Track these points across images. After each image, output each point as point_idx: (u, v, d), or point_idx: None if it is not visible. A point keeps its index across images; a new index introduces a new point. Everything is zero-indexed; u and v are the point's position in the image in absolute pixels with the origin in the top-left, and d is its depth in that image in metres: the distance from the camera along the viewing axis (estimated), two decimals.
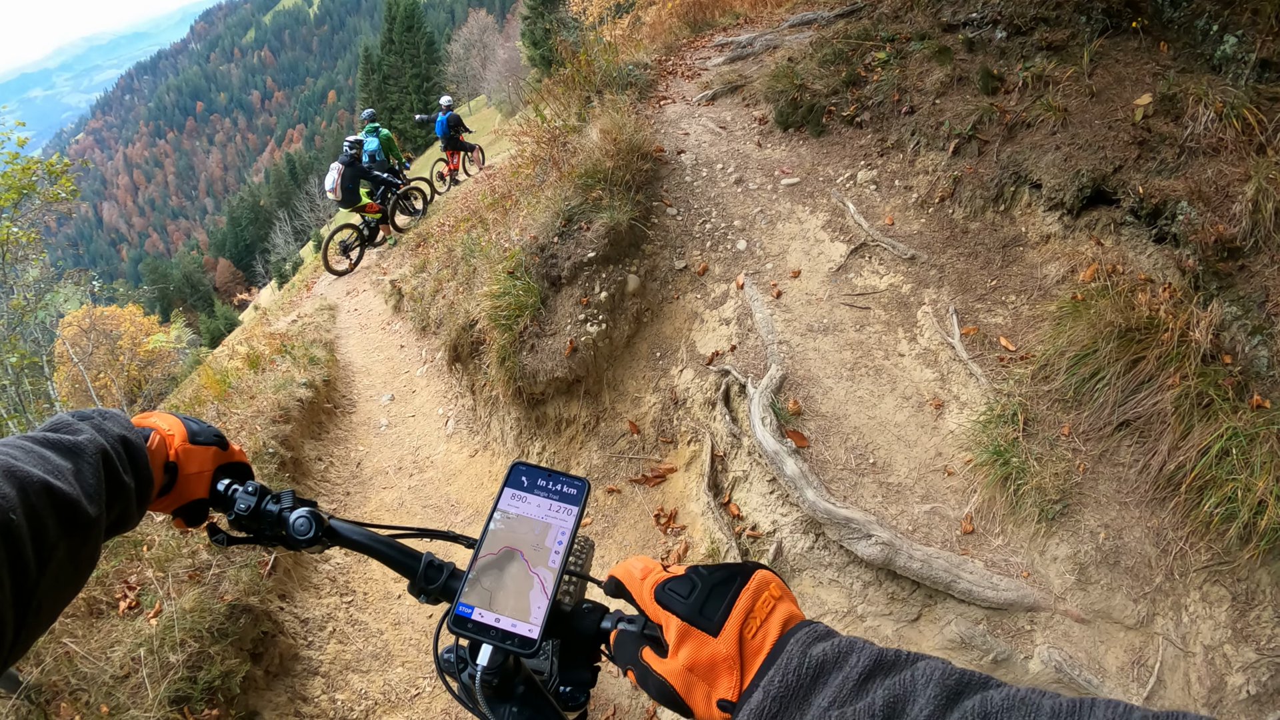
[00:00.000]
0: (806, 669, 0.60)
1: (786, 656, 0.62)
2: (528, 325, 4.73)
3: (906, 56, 5.52)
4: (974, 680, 0.53)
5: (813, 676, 0.60)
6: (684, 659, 0.67)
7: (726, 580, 0.70)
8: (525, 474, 0.94)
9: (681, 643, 0.68)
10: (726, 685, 0.64)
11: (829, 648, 0.61)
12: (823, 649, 0.61)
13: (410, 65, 53.70)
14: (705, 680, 0.66)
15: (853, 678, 0.58)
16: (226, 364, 8.08)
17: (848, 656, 0.60)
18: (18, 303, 10.65)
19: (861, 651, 0.60)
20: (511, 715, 0.94)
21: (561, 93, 6.63)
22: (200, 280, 76.11)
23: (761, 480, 3.82)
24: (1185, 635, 2.99)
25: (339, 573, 4.36)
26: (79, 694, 2.80)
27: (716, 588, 0.69)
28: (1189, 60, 4.39)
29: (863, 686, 0.57)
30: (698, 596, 0.69)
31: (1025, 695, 0.50)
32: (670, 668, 0.68)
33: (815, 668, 0.60)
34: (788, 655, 0.62)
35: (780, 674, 0.61)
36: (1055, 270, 4.17)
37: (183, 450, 1.03)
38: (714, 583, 0.69)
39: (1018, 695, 0.50)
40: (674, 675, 0.68)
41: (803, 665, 0.60)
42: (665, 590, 0.71)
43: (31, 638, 0.70)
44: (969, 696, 0.52)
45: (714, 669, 0.65)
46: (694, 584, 0.70)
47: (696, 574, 0.71)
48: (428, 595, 1.05)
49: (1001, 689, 0.52)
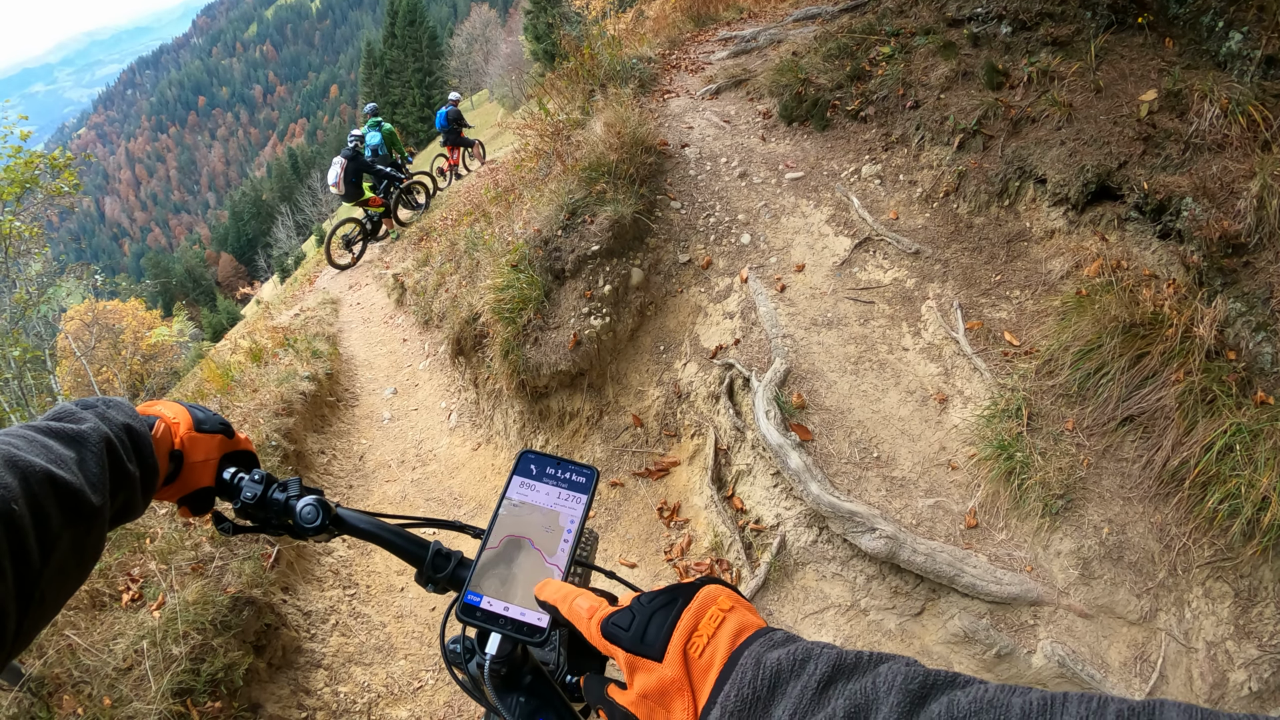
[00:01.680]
0: (762, 680, 0.58)
1: (740, 669, 0.60)
2: (531, 318, 4.72)
3: (911, 51, 5.50)
4: (939, 681, 0.51)
5: (770, 687, 0.57)
6: (637, 689, 0.66)
7: (668, 604, 0.68)
8: (534, 462, 0.93)
9: (632, 674, 0.67)
10: (681, 708, 0.63)
11: (784, 656, 0.59)
12: (778, 657, 0.59)
13: (413, 60, 53.58)
14: (660, 706, 0.64)
15: (811, 686, 0.55)
16: (229, 358, 8.09)
17: (805, 664, 0.57)
18: (20, 297, 10.63)
19: (819, 658, 0.57)
20: (519, 705, 0.93)
21: (565, 86, 6.62)
22: (202, 275, 76.12)
23: (765, 474, 3.82)
24: (1188, 631, 2.99)
25: (342, 565, 4.36)
26: (81, 686, 2.81)
27: (657, 613, 0.67)
28: (1194, 56, 4.37)
29: (822, 695, 0.55)
30: (638, 625, 0.67)
31: (993, 696, 0.48)
32: (628, 699, 0.67)
33: (771, 677, 0.57)
34: (741, 668, 0.60)
35: (736, 688, 0.58)
36: (1060, 265, 4.16)
37: (188, 438, 1.02)
38: (654, 608, 0.68)
39: (985, 696, 0.48)
40: (633, 706, 0.67)
41: (758, 676, 0.58)
42: (609, 625, 0.70)
43: (35, 629, 0.69)
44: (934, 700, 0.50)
45: (665, 694, 0.63)
46: (634, 614, 0.68)
47: (638, 603, 0.70)
48: (435, 584, 1.04)
49: (969, 689, 0.49)
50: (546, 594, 0.78)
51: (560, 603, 0.76)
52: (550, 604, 0.77)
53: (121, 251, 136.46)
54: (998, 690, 0.48)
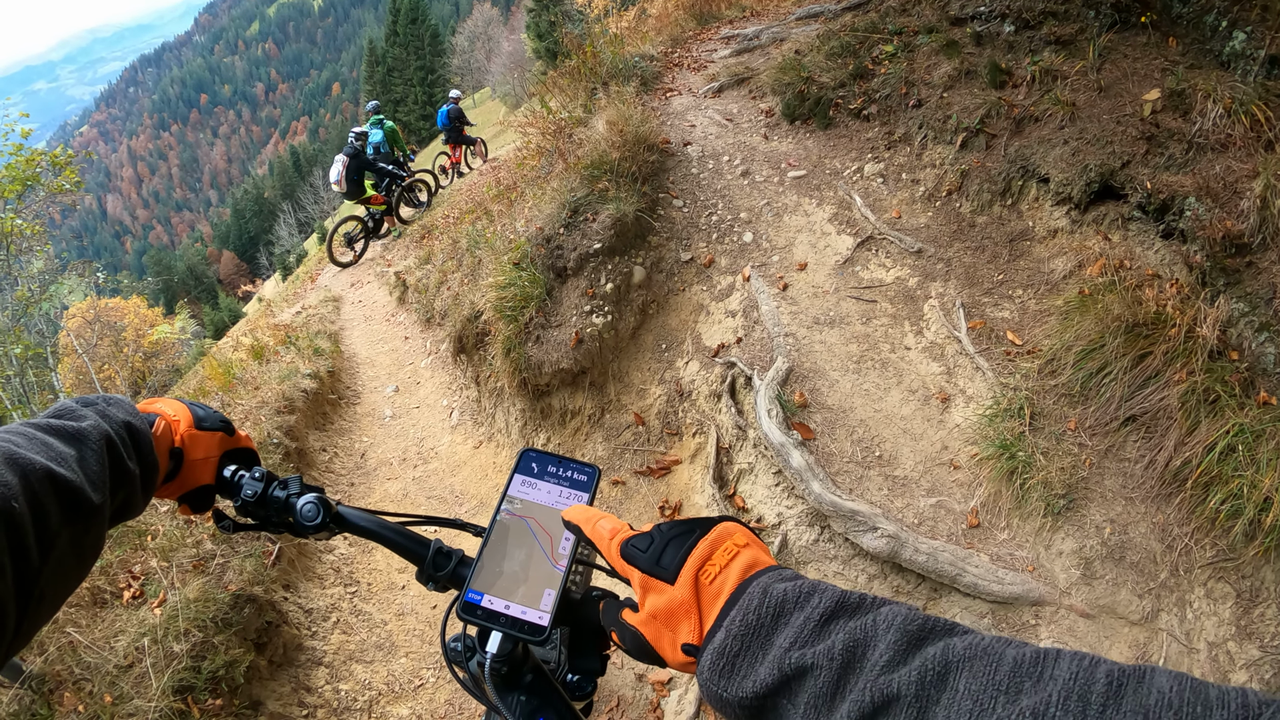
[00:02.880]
0: (767, 608, 0.60)
1: (748, 597, 0.62)
2: (533, 317, 4.72)
3: (914, 50, 5.49)
4: (937, 626, 0.53)
5: (774, 615, 0.60)
6: (648, 609, 0.68)
7: (686, 532, 0.70)
8: (535, 460, 0.93)
9: (645, 594, 0.69)
10: (687, 629, 0.65)
11: (790, 588, 0.61)
12: (784, 589, 0.61)
13: (415, 58, 53.54)
14: (668, 627, 0.67)
15: (814, 618, 0.58)
16: (231, 355, 8.09)
17: (810, 597, 0.60)
18: (22, 294, 10.64)
19: (824, 593, 0.60)
20: (519, 704, 0.93)
21: (567, 84, 6.61)
22: (204, 272, 76.17)
23: (767, 473, 3.81)
24: (1189, 632, 2.98)
25: (343, 563, 4.37)
26: (82, 683, 2.81)
27: (674, 539, 0.70)
28: (1198, 56, 4.35)
29: (824, 628, 0.57)
30: (655, 548, 0.70)
31: (989, 644, 0.49)
32: (638, 619, 0.70)
33: (776, 606, 0.60)
34: (749, 596, 0.62)
35: (741, 613, 0.61)
36: (1062, 265, 4.15)
37: (188, 436, 1.02)
38: (672, 535, 0.70)
39: (981, 644, 0.49)
40: (642, 625, 0.69)
41: (764, 604, 0.60)
42: (628, 546, 0.72)
43: (34, 627, 0.69)
44: (931, 643, 0.51)
45: (673, 615, 0.66)
46: (653, 538, 0.71)
47: (658, 530, 0.72)
48: (436, 582, 1.04)
49: (965, 636, 0.51)
50: (572, 514, 0.81)
51: (585, 523, 0.79)
52: (574, 524, 0.80)
53: (123, 249, 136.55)
54: (993, 640, 0.50)
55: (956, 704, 0.47)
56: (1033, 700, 0.44)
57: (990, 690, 0.46)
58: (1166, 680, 0.42)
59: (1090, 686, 0.43)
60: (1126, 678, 0.43)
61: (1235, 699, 0.40)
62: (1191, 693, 0.41)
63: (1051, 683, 0.45)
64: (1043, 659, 0.47)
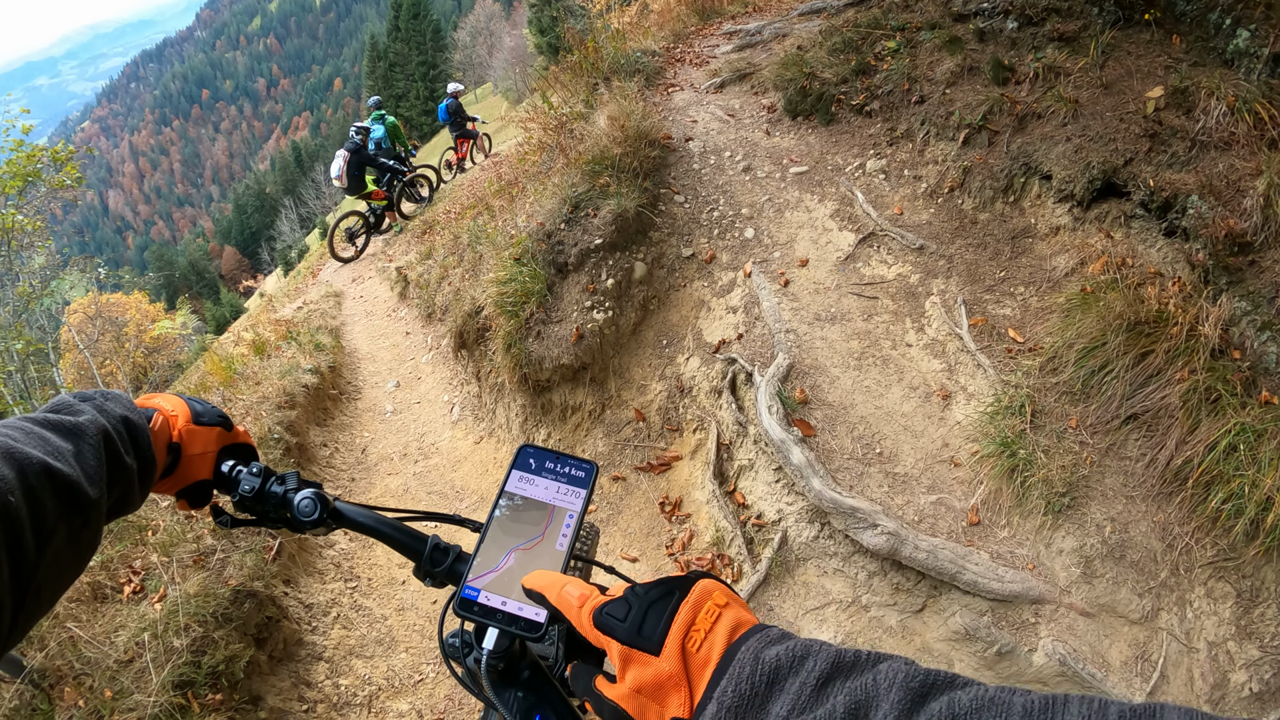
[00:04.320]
0: (760, 676, 0.57)
1: (738, 664, 0.59)
2: (534, 312, 4.72)
3: (917, 46, 5.48)
4: (939, 681, 0.51)
5: (768, 683, 0.57)
6: (630, 682, 0.64)
7: (665, 596, 0.67)
8: (533, 456, 0.92)
9: (626, 667, 0.65)
10: (676, 703, 0.61)
11: (783, 651, 0.58)
12: (776, 653, 0.58)
13: (417, 53, 53.48)
14: (655, 701, 0.63)
15: (810, 683, 0.55)
16: (232, 350, 8.09)
17: (804, 660, 0.57)
18: (23, 290, 10.66)
19: (819, 654, 0.57)
20: (516, 700, 0.93)
21: (569, 80, 6.60)
22: (206, 267, 76.18)
23: (767, 469, 3.81)
24: (1189, 631, 2.98)
25: (343, 558, 4.37)
26: (83, 678, 2.81)
27: (654, 605, 0.66)
28: (1201, 54, 4.34)
29: (822, 691, 0.54)
30: (634, 616, 0.66)
31: (994, 695, 0.47)
32: (619, 693, 0.65)
33: (770, 673, 0.57)
34: (739, 663, 0.59)
35: (733, 684, 0.57)
36: (1064, 262, 4.14)
37: (186, 431, 1.02)
38: (650, 600, 0.67)
39: (986, 695, 0.47)
40: (624, 700, 0.65)
41: (756, 672, 0.57)
42: (603, 615, 0.68)
43: (30, 621, 0.69)
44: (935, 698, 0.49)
45: (661, 688, 0.62)
46: (630, 605, 0.67)
47: (633, 594, 0.68)
48: (433, 578, 1.04)
49: (969, 689, 0.49)
50: (534, 582, 0.77)
51: (548, 590, 0.75)
52: (538, 592, 0.76)
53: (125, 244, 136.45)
54: (998, 690, 0.48)
55: None
56: None
57: None
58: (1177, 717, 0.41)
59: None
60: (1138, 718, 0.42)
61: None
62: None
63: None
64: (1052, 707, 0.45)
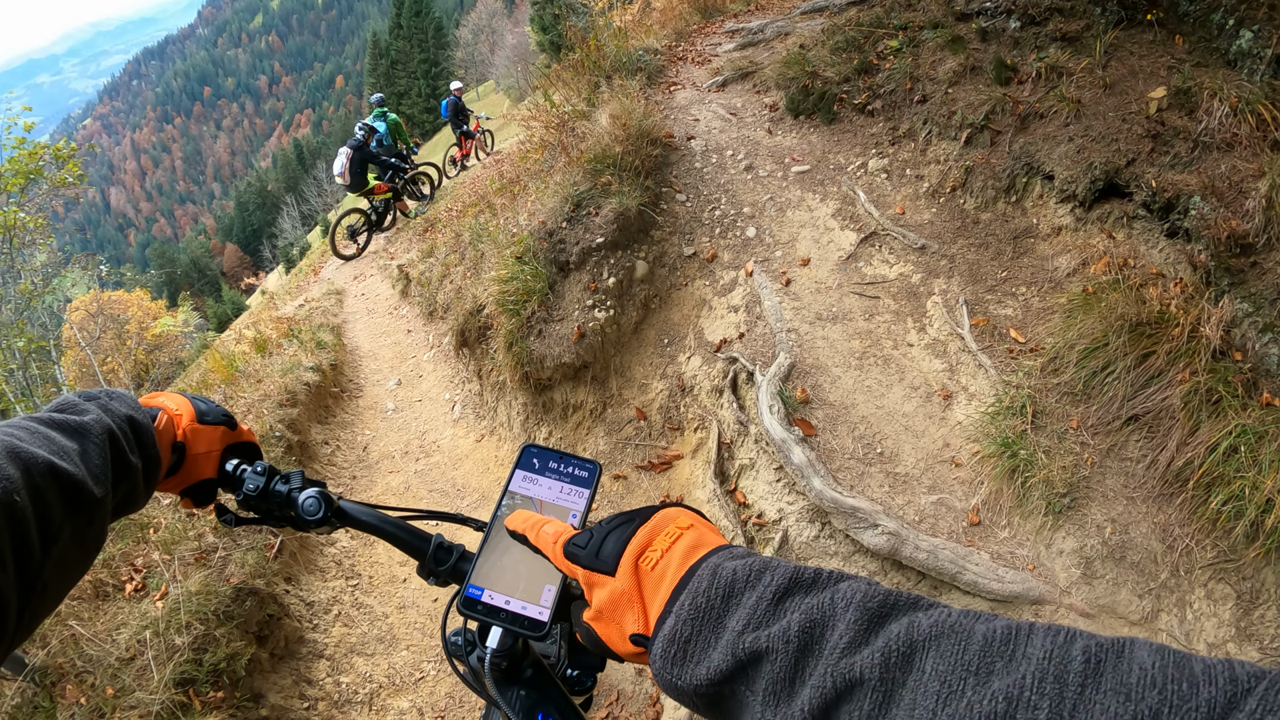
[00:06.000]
0: (717, 589, 0.57)
1: (697, 579, 0.59)
2: (535, 311, 4.72)
3: (919, 45, 5.47)
4: (900, 601, 0.50)
5: (724, 596, 0.56)
6: (594, 604, 0.66)
7: (625, 523, 0.68)
8: (537, 456, 0.93)
9: (590, 591, 0.67)
10: (633, 620, 0.62)
11: (740, 566, 0.58)
12: (734, 567, 0.58)
13: (418, 50, 53.52)
14: (613, 619, 0.64)
15: (766, 597, 0.54)
16: (233, 348, 8.11)
17: (761, 575, 0.56)
18: (25, 287, 10.67)
19: (776, 570, 0.56)
20: (519, 698, 0.93)
21: (571, 78, 6.60)
22: (207, 265, 76.25)
23: (768, 468, 3.81)
24: (1189, 633, 2.98)
25: (345, 556, 4.38)
26: (84, 676, 2.82)
27: (614, 531, 0.68)
28: (1204, 54, 4.33)
29: (778, 607, 0.53)
30: (594, 543, 0.68)
31: (955, 620, 0.46)
32: (589, 615, 0.67)
33: (726, 586, 0.57)
34: (698, 578, 0.59)
35: (690, 596, 0.58)
36: (1066, 263, 4.14)
37: (190, 430, 1.02)
38: (612, 528, 0.68)
39: (948, 621, 0.46)
40: (593, 621, 0.67)
41: (713, 585, 0.57)
42: (570, 545, 0.70)
43: (36, 620, 0.69)
44: (894, 620, 0.48)
45: (617, 606, 0.64)
46: (592, 534, 0.69)
47: (599, 525, 0.70)
48: (437, 577, 1.04)
49: (931, 611, 0.48)
50: (515, 522, 0.78)
51: (528, 530, 0.76)
52: (519, 532, 0.77)
53: (127, 242, 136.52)
54: (960, 615, 0.47)
55: (923, 686, 0.43)
56: (1005, 682, 0.41)
57: (959, 671, 0.42)
58: (1147, 654, 0.39)
59: (1066, 665, 0.40)
60: (1105, 653, 0.40)
61: (1222, 673, 0.37)
62: (1175, 667, 0.38)
63: (1025, 662, 0.41)
64: (1014, 635, 0.43)
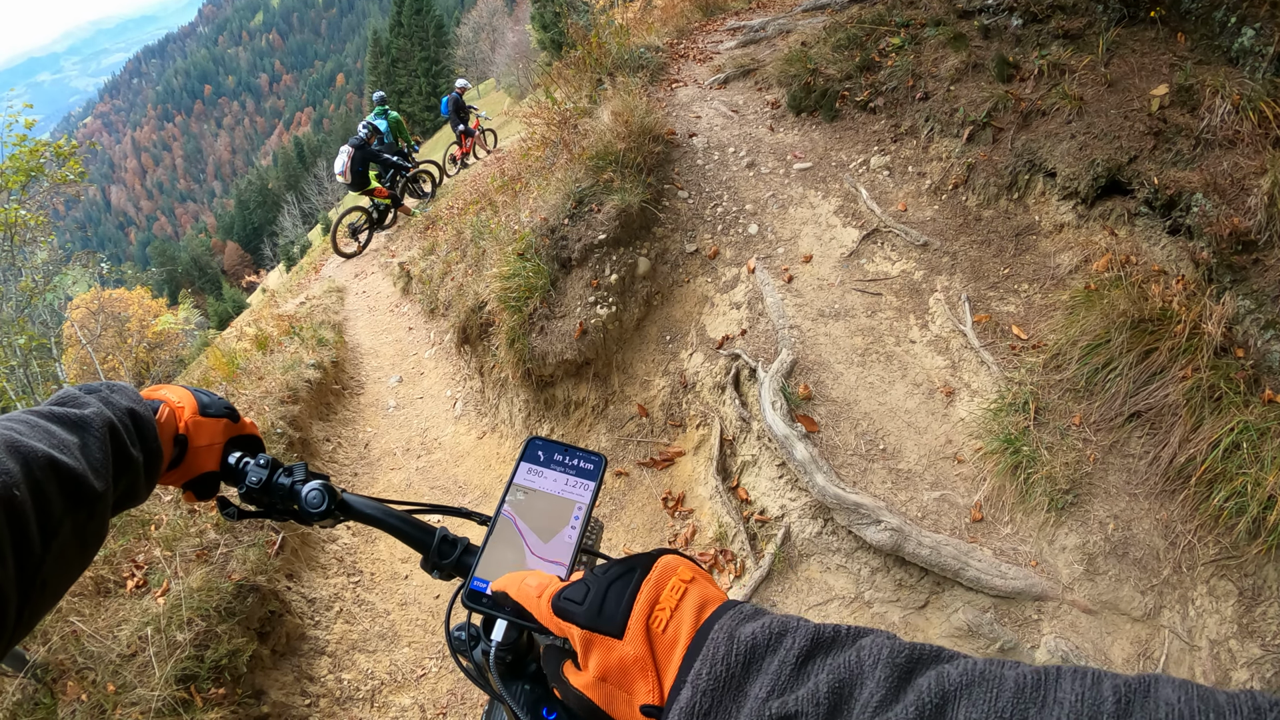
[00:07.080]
0: (736, 656, 0.54)
1: (712, 644, 0.56)
2: (537, 307, 4.72)
3: (921, 42, 5.46)
4: (925, 654, 0.49)
5: (744, 663, 0.54)
6: (594, 669, 0.61)
7: (625, 574, 0.63)
8: (542, 449, 0.92)
9: (588, 653, 0.61)
10: (645, 689, 0.58)
11: (759, 629, 0.55)
12: (752, 630, 0.55)
13: (419, 48, 53.43)
14: (621, 688, 0.59)
15: (790, 661, 0.52)
16: (234, 346, 8.10)
17: (782, 637, 0.54)
18: (26, 285, 10.67)
19: (797, 631, 0.54)
20: (524, 693, 0.93)
21: (572, 75, 6.59)
22: (208, 263, 76.21)
23: (770, 465, 3.81)
24: (1191, 629, 2.98)
25: (346, 553, 4.38)
26: (85, 672, 2.82)
27: (614, 584, 0.63)
28: (1206, 52, 4.32)
29: (802, 669, 0.52)
30: (593, 598, 0.62)
31: (984, 669, 0.46)
32: (584, 681, 0.62)
33: (747, 652, 0.54)
34: (713, 643, 0.56)
35: (708, 665, 0.54)
36: (1068, 260, 4.14)
37: (193, 423, 1.01)
38: (610, 580, 0.63)
39: (976, 669, 0.46)
40: (589, 689, 0.61)
41: (732, 652, 0.54)
42: (561, 600, 0.65)
43: (36, 616, 0.69)
44: (921, 673, 0.48)
45: (626, 674, 0.59)
46: (588, 587, 0.64)
47: (592, 576, 0.65)
48: (441, 571, 1.04)
49: (957, 662, 0.48)
50: (499, 585, 0.74)
51: (509, 587, 0.71)
52: (503, 593, 0.72)
53: (127, 240, 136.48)
54: (987, 664, 0.47)
55: None
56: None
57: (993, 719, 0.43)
58: (1172, 690, 0.41)
59: (1099, 707, 0.41)
60: (1133, 693, 0.41)
61: (1245, 703, 0.39)
62: (1200, 700, 0.40)
63: (1057, 706, 0.42)
64: (1044, 681, 0.44)
